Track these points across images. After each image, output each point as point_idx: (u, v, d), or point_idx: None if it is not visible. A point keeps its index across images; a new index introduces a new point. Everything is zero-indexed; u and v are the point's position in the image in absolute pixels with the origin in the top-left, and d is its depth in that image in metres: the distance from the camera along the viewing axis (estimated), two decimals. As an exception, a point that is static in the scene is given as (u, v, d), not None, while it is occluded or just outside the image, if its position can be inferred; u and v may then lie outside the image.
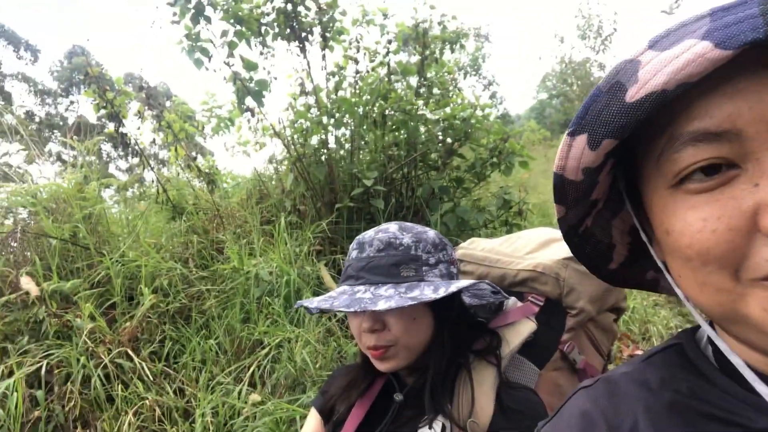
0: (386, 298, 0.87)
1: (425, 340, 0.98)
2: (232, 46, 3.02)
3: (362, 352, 1.05)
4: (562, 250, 1.20)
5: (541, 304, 1.16)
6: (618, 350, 2.83)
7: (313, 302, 0.96)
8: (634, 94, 0.39)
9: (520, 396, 0.95)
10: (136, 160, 3.76)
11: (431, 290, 0.89)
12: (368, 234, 1.00)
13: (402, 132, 3.60)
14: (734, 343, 0.46)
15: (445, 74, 4.23)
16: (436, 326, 0.99)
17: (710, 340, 0.51)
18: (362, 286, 0.93)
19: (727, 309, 0.41)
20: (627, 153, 0.49)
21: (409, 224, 1.02)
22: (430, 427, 0.90)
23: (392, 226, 1.00)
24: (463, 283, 0.93)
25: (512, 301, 1.16)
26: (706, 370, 0.48)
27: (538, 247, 1.28)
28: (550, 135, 16.01)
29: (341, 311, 0.90)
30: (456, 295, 1.03)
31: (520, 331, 1.07)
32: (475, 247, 1.36)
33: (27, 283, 2.41)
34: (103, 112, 3.08)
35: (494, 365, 0.97)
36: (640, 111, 0.39)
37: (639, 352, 2.69)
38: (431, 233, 1.01)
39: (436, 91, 4.22)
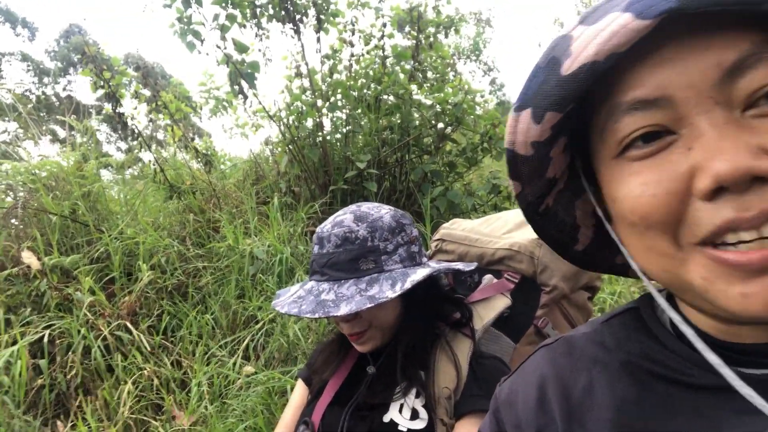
0: (347, 299, 0.94)
1: (397, 315, 1.05)
2: (224, 29, 3.05)
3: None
4: None
5: (517, 281, 1.22)
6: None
7: (284, 307, 1.01)
8: (568, 66, 0.41)
9: (491, 365, 1.03)
10: (135, 142, 3.82)
11: (389, 286, 0.94)
12: (326, 228, 1.03)
13: (396, 116, 3.65)
14: (689, 308, 0.49)
15: (441, 59, 4.25)
16: (405, 302, 1.06)
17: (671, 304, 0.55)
18: (326, 284, 0.99)
19: (672, 275, 0.42)
20: (580, 132, 0.50)
21: (364, 210, 1.04)
22: (404, 398, 0.97)
23: (347, 218, 1.01)
24: (418, 276, 0.96)
25: (488, 278, 1.24)
26: (658, 332, 0.52)
27: (515, 227, 1.35)
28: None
29: (308, 317, 0.97)
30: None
31: (495, 306, 1.15)
32: (456, 227, 1.43)
33: (28, 258, 2.50)
34: (100, 92, 3.12)
35: (469, 338, 1.05)
36: (576, 82, 0.41)
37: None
38: (387, 217, 1.02)
39: (430, 75, 4.25)
